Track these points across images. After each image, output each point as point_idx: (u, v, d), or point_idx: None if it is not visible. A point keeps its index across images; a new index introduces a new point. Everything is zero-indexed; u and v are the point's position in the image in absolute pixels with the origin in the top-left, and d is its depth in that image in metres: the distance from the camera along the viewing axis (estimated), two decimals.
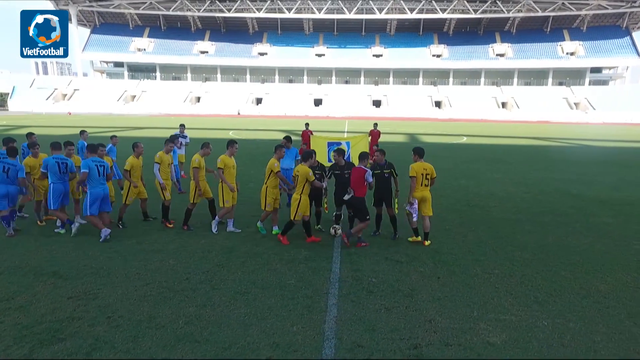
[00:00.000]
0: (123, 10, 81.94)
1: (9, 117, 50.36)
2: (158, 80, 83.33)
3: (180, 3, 79.93)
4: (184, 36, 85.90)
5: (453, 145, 25.65)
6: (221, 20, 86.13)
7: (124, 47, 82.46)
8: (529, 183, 13.25)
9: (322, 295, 5.48)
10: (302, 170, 7.31)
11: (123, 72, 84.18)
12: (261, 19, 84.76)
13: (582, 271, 6.38)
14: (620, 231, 8.39)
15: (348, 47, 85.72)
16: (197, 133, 27.80)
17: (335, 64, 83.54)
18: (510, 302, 5.36)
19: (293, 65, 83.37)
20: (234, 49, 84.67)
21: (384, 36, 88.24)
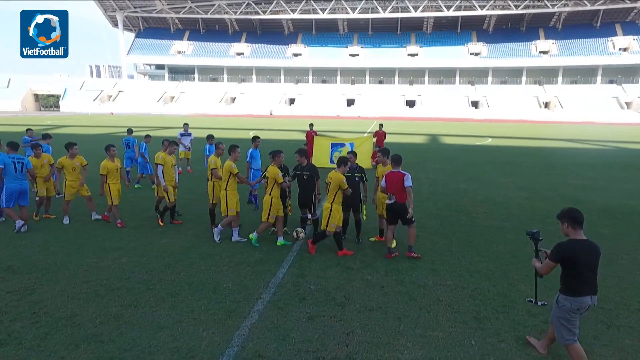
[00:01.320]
0: (165, 15, 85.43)
1: (55, 117, 53.86)
2: (196, 82, 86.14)
3: (218, 7, 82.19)
4: (221, 38, 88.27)
5: (472, 147, 24.58)
6: (257, 22, 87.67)
7: (165, 50, 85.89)
8: (535, 188, 12.42)
9: (252, 300, 5.36)
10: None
11: (164, 74, 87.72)
12: (296, 20, 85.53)
13: (545, 286, 5.85)
14: (612, 243, 7.66)
15: (382, 47, 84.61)
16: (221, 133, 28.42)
17: (369, 63, 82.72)
18: (447, 317, 5.01)
19: (326, 66, 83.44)
20: (269, 50, 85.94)
21: (420, 35, 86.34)
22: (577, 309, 3.87)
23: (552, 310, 4.10)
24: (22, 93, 76.07)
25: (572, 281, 3.87)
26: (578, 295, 3.83)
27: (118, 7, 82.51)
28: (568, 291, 3.89)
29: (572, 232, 3.93)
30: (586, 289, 3.84)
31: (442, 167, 16.34)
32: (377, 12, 79.92)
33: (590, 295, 3.86)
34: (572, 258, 3.83)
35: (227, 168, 7.38)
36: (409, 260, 6.71)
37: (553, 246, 4.03)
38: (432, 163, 17.32)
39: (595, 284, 3.90)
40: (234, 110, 74.45)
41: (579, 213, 3.95)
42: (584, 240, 3.88)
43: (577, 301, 3.84)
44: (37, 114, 66.20)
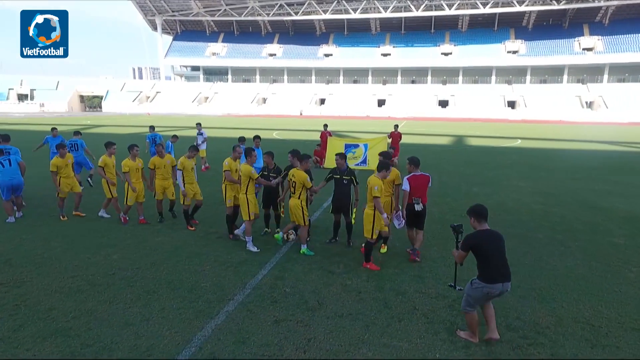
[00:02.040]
0: (201, 18, 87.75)
1: (94, 117, 56.59)
2: (229, 83, 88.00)
3: (251, 9, 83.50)
4: (254, 40, 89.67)
5: (498, 149, 23.59)
6: (289, 23, 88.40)
7: (200, 52, 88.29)
8: (554, 193, 11.75)
9: (224, 301, 5.37)
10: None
11: (199, 75, 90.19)
12: (327, 20, 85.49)
13: (536, 299, 5.51)
14: (625, 254, 7.10)
15: (415, 46, 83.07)
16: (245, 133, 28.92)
17: (401, 63, 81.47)
18: (418, 327, 4.81)
19: (358, 66, 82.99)
20: (301, 51, 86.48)
21: (454, 33, 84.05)
22: (487, 293, 4.29)
23: (466, 286, 4.51)
24: (69, 94, 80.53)
25: (485, 269, 4.29)
26: (491, 282, 4.25)
27: (157, 12, 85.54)
28: (482, 278, 4.30)
29: (478, 225, 4.46)
30: (498, 277, 4.26)
31: (459, 169, 15.79)
32: (409, 11, 78.50)
33: (502, 283, 4.27)
34: (478, 245, 4.33)
35: (247, 172, 7.07)
36: (397, 267, 6.51)
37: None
38: (449, 165, 16.77)
39: (507, 272, 4.32)
40: (265, 110, 75.46)
41: (482, 208, 4.50)
42: (487, 230, 4.43)
43: (488, 287, 4.26)
44: (80, 114, 69.82)
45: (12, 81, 79.78)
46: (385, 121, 54.70)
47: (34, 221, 8.70)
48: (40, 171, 13.84)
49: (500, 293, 4.32)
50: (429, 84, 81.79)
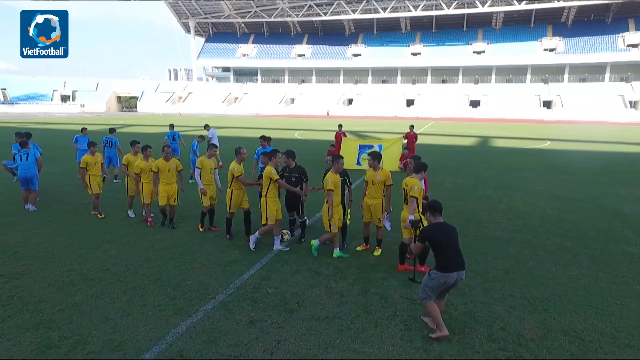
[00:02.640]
0: (232, 20, 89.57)
1: (127, 117, 58.84)
2: (259, 83, 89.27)
3: (281, 10, 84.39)
4: (284, 41, 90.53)
5: (523, 151, 22.69)
6: (318, 23, 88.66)
7: (231, 53, 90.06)
8: (573, 198, 11.16)
9: (205, 299, 5.42)
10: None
11: (229, 76, 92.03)
12: (356, 20, 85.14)
13: (527, 309, 5.24)
14: (637, 264, 6.64)
15: (446, 45, 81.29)
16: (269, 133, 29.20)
17: (431, 62, 79.98)
18: (394, 334, 4.67)
19: (386, 66, 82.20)
20: (330, 51, 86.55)
21: (488, 31, 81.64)
22: (444, 283, 4.50)
23: (424, 278, 4.72)
24: (107, 95, 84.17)
25: (440, 259, 4.53)
26: (447, 271, 4.47)
27: (190, 14, 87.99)
28: (439, 268, 4.51)
29: (433, 219, 4.76)
30: (453, 266, 4.48)
31: (477, 171, 15.29)
32: (440, 9, 76.98)
33: (457, 271, 4.50)
34: (433, 237, 4.62)
35: (267, 174, 6.93)
36: (387, 271, 6.36)
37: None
38: (468, 167, 16.28)
39: (461, 261, 4.56)
40: (293, 110, 76.03)
41: (437, 204, 4.81)
42: (440, 223, 4.72)
43: (445, 276, 4.47)
44: (117, 114, 72.88)
45: (56, 83, 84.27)
46: (413, 122, 53.85)
47: (47, 216, 9.12)
48: (62, 169, 14.54)
49: (455, 282, 4.56)
50: (460, 83, 79.96)
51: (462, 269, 4.55)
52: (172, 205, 8.36)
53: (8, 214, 9.23)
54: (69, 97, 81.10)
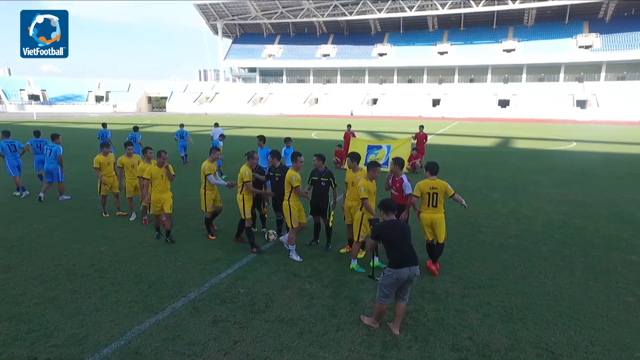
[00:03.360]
0: (259, 21, 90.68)
1: (155, 117, 60.55)
2: (284, 83, 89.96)
3: (306, 10, 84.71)
4: (309, 41, 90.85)
5: (544, 152, 21.77)
6: (344, 23, 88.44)
7: (257, 54, 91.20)
8: (585, 202, 10.60)
9: (177, 297, 5.48)
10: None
11: (255, 76, 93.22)
12: (383, 19, 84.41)
13: (501, 318, 5.01)
14: (636, 275, 6.22)
15: (475, 43, 79.30)
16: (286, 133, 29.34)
17: (458, 61, 78.21)
18: (354, 339, 4.57)
19: (412, 65, 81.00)
20: (355, 51, 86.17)
21: (519, 28, 79.08)
22: (396, 279, 4.50)
23: (380, 279, 4.71)
24: (138, 96, 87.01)
25: (392, 256, 4.58)
26: (398, 267, 4.49)
27: (218, 16, 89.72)
28: (391, 264, 4.54)
29: (386, 216, 4.81)
30: (404, 262, 4.50)
31: (488, 173, 14.79)
32: (469, 7, 75.11)
33: (408, 267, 4.51)
34: (383, 234, 4.69)
35: (288, 179, 6.71)
36: (364, 274, 6.24)
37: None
38: (480, 168, 15.77)
39: (412, 257, 4.58)
40: (317, 110, 76.18)
41: (389, 202, 4.91)
42: (391, 220, 4.79)
43: (396, 272, 4.49)
44: (146, 114, 75.18)
45: (91, 84, 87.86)
46: (437, 122, 52.86)
47: (52, 211, 9.49)
48: (80, 167, 15.10)
49: (409, 278, 4.55)
50: (488, 82, 77.86)
51: (414, 264, 4.57)
52: (168, 214, 7.54)
53: (18, 209, 9.67)
54: (103, 98, 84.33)
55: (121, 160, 9.01)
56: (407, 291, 4.71)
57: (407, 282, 4.62)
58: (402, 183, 6.57)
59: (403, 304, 4.70)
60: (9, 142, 11.08)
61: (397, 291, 4.70)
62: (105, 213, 9.28)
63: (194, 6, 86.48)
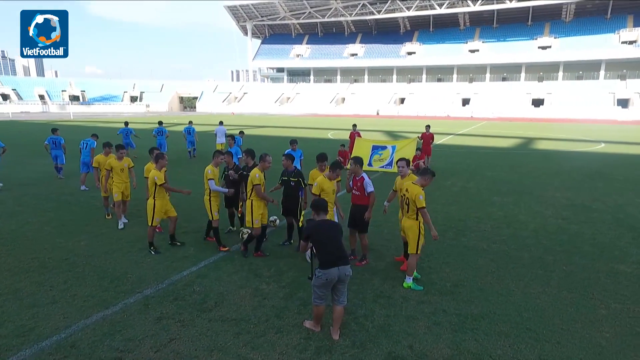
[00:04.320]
0: (287, 22, 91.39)
1: (182, 117, 62.17)
2: (311, 83, 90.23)
3: (334, 10, 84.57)
4: (337, 41, 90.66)
5: (565, 154, 20.62)
6: (372, 22, 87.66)
7: (285, 54, 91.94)
8: (591, 207, 9.96)
9: (132, 293, 5.56)
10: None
11: (283, 76, 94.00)
12: (412, 17, 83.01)
13: (451, 328, 4.77)
14: (617, 286, 5.77)
15: (508, 40, 76.57)
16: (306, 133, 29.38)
17: (490, 59, 75.76)
18: (289, 342, 4.49)
19: (442, 64, 79.20)
20: (383, 50, 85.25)
21: (556, 24, 75.67)
22: (326, 280, 4.42)
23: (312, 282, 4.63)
24: (170, 96, 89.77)
25: (321, 256, 4.49)
26: (327, 268, 4.41)
27: (248, 17, 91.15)
28: (320, 265, 4.46)
29: (317, 217, 4.73)
30: (332, 262, 4.42)
31: (496, 175, 14.18)
32: (502, 3, 72.57)
33: (337, 267, 4.42)
34: (312, 234, 4.60)
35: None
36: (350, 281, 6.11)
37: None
38: (489, 170, 15.14)
39: (343, 257, 4.49)
40: (343, 110, 75.92)
41: (320, 202, 4.86)
42: (321, 220, 4.70)
43: (325, 273, 4.41)
44: (177, 113, 77.39)
45: (127, 85, 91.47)
46: (464, 122, 51.45)
47: (51, 207, 9.90)
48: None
49: (339, 278, 4.45)
50: (522, 81, 75.04)
51: (344, 264, 4.46)
52: (173, 217, 7.26)
53: (19, 204, 10.15)
54: (137, 98, 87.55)
55: (110, 162, 8.49)
56: (342, 293, 4.57)
57: (340, 283, 4.51)
58: (362, 182, 6.36)
59: (339, 307, 4.56)
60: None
61: (333, 293, 4.58)
62: (108, 215, 9.05)
63: (224, 8, 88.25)
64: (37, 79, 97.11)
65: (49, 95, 79.76)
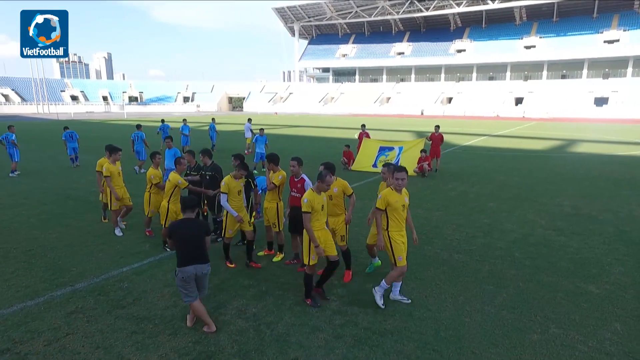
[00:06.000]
0: (334, 22, 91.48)
1: (225, 116, 64.19)
2: (356, 83, 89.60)
3: (381, 8, 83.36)
4: (384, 40, 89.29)
5: (600, 158, 18.50)
6: (421, 20, 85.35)
7: (331, 54, 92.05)
8: (596, 217, 8.88)
9: (63, 286, 5.73)
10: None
11: (328, 76, 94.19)
12: (463, 13, 79.70)
13: (347, 344, 4.43)
14: (570, 307, 5.06)
15: (568, 35, 71.15)
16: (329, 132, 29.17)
17: (548, 56, 70.86)
18: (177, 344, 4.39)
19: (494, 61, 75.29)
20: (431, 48, 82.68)
21: (626, 15, 69.09)
22: (182, 278, 4.50)
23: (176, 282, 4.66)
24: (220, 96, 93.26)
25: (178, 255, 4.59)
26: (183, 265, 4.51)
27: (295, 19, 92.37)
28: (178, 263, 4.56)
29: (184, 215, 4.76)
30: (187, 260, 4.51)
31: (508, 179, 13.10)
32: None
33: (194, 265, 4.51)
34: (172, 233, 4.66)
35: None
36: (255, 277, 5.96)
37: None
38: (502, 174, 14.01)
39: (200, 257, 4.57)
40: (387, 110, 74.63)
41: (186, 200, 4.83)
42: (185, 219, 4.73)
43: (182, 271, 4.50)
44: (224, 113, 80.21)
45: (180, 86, 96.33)
46: (512, 122, 48.50)
47: (49, 200, 10.57)
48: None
49: (197, 275, 4.55)
50: (583, 78, 69.40)
51: (201, 262, 4.55)
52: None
53: (25, 197, 10.94)
54: (189, 99, 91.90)
55: (109, 168, 7.85)
56: (204, 287, 4.74)
57: (201, 280, 4.62)
58: (303, 183, 6.10)
59: (196, 302, 4.61)
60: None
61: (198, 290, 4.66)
62: (104, 218, 8.73)
63: (272, 10, 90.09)
64: (102, 82, 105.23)
65: (111, 96, 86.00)
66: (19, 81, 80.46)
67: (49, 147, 20.99)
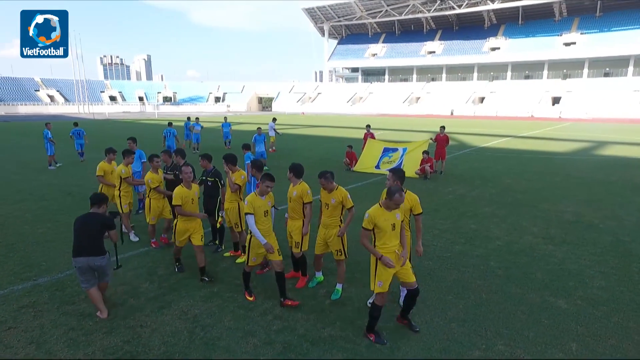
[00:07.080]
0: (364, 21, 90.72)
1: (252, 116, 65.03)
2: (386, 82, 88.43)
3: (412, 7, 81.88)
4: (415, 39, 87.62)
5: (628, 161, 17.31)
6: (453, 17, 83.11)
7: (360, 54, 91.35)
8: (597, 226, 8.23)
9: (26, 280, 5.93)
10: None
11: (357, 76, 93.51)
12: (498, 10, 76.93)
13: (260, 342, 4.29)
14: (538, 325, 4.68)
15: (612, 30, 67.15)
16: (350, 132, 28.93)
17: (589, 53, 67.08)
18: (109, 343, 4.41)
19: (530, 59, 72.15)
20: (463, 47, 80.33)
21: None
22: (76, 267, 4.86)
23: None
24: (249, 96, 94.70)
25: (73, 246, 4.90)
26: (75, 256, 4.84)
27: (325, 19, 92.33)
28: (72, 253, 4.87)
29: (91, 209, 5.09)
30: (78, 251, 4.83)
31: (514, 183, 12.41)
32: None
33: (85, 257, 4.80)
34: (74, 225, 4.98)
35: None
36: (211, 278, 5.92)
37: None
38: (511, 177, 13.28)
39: (91, 249, 4.84)
40: (416, 110, 73.14)
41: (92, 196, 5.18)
42: (87, 213, 5.05)
43: (74, 260, 4.86)
44: (253, 113, 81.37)
45: (212, 87, 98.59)
46: (548, 122, 46.31)
47: (52, 196, 11.01)
48: None
49: (89, 266, 4.81)
50: (629, 76, 65.18)
51: (92, 255, 4.82)
52: (197, 245, 5.96)
53: (30, 192, 11.45)
54: (220, 99, 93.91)
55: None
56: (105, 275, 5.06)
57: (98, 270, 4.92)
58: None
59: (92, 289, 4.90)
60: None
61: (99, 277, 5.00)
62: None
63: (302, 10, 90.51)
64: (139, 83, 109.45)
65: (146, 96, 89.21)
66: (63, 82, 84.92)
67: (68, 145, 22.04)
